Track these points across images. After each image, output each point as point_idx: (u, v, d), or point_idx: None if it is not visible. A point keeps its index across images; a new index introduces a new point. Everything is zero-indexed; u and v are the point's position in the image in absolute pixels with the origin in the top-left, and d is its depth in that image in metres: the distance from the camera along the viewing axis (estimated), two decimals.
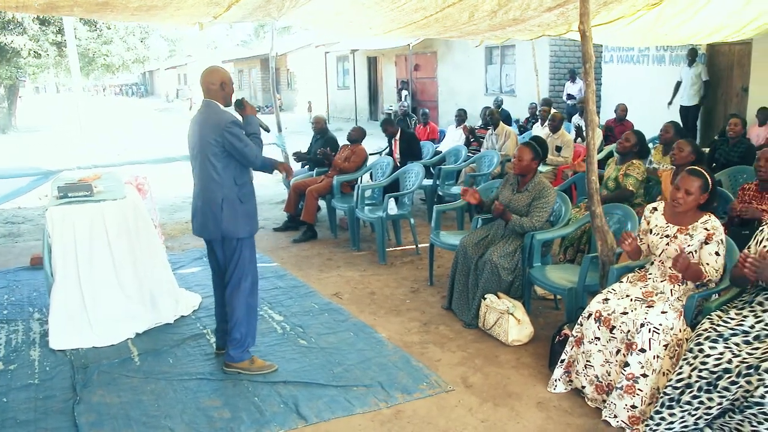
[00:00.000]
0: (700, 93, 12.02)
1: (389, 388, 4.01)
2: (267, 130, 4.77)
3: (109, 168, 6.83)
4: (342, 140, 8.41)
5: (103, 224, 4.85)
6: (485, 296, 4.84)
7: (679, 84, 12.14)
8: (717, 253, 3.74)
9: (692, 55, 11.98)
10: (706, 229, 3.79)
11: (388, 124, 8.93)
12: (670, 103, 12.30)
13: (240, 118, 4.25)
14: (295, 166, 9.73)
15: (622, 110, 11.10)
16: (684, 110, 12.08)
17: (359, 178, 7.95)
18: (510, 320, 4.60)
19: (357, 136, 8.03)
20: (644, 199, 5.83)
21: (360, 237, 7.30)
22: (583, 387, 3.87)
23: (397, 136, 8.67)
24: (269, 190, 10.58)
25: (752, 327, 3.33)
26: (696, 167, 4.01)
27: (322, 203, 7.88)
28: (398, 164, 8.18)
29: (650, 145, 8.20)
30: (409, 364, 4.35)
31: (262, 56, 31.80)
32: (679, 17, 7.23)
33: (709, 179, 3.84)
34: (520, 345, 4.61)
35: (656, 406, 3.37)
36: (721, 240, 3.77)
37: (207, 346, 4.67)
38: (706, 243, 3.77)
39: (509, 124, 11.22)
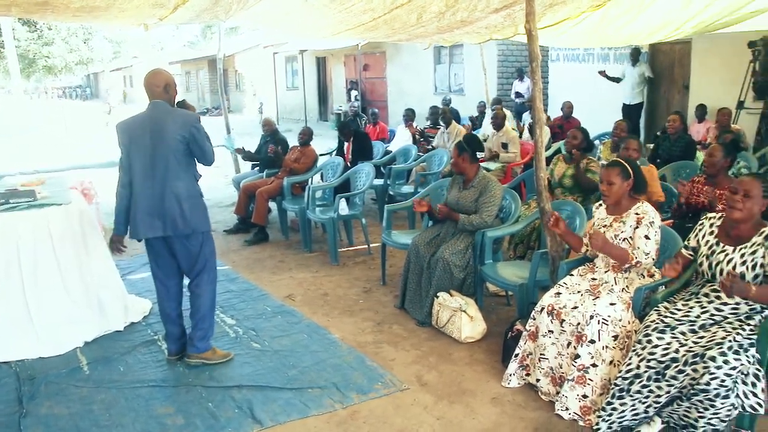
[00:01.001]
0: (643, 92, 12.24)
1: (344, 389, 4.01)
2: None
3: (53, 173, 6.68)
4: (292, 141, 8.36)
5: (47, 231, 4.72)
6: (438, 294, 4.88)
7: (620, 79, 12.32)
8: (647, 237, 3.85)
9: (635, 54, 12.16)
10: (636, 213, 3.93)
11: (346, 127, 8.93)
12: (605, 74, 12.34)
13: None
14: (246, 167, 9.67)
15: (568, 108, 11.31)
16: (626, 108, 12.27)
17: (310, 179, 7.92)
18: (463, 317, 4.65)
19: (306, 137, 7.99)
20: None
21: (312, 238, 7.28)
22: (538, 380, 3.94)
23: (351, 140, 8.67)
24: (219, 193, 10.47)
25: (698, 317, 3.43)
26: (613, 159, 4.19)
27: (272, 205, 7.83)
28: (349, 165, 8.18)
29: (596, 142, 8.39)
30: (363, 365, 4.36)
31: (209, 57, 31.37)
32: (623, 18, 7.38)
33: (627, 165, 3.97)
34: (473, 342, 4.66)
35: (608, 397, 3.46)
36: (651, 223, 3.87)
37: (158, 352, 4.60)
38: (637, 227, 3.89)
39: (459, 123, 11.31)
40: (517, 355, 4.06)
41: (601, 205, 4.20)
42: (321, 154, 8.70)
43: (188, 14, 5.95)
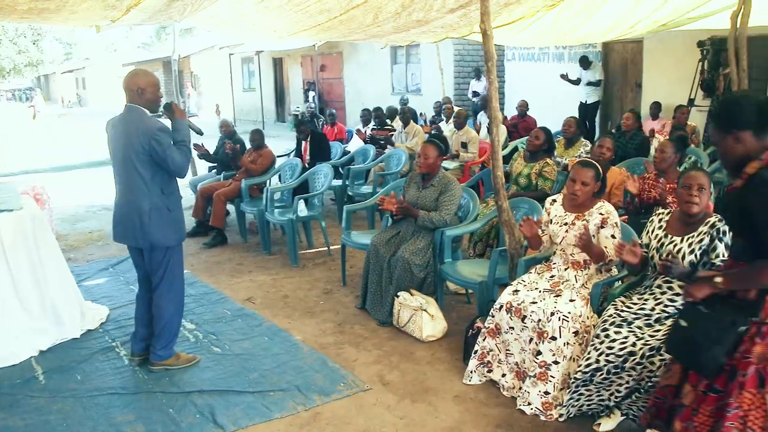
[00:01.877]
0: (598, 92, 12.43)
1: (306, 391, 4.00)
2: (200, 133, 4.71)
3: (3, 178, 6.52)
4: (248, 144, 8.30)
5: None
6: (398, 294, 4.89)
7: (579, 80, 12.50)
8: (613, 236, 3.93)
9: (584, 61, 12.41)
10: (600, 213, 3.99)
11: (302, 124, 8.90)
12: (566, 77, 12.46)
13: (169, 123, 4.16)
14: (203, 168, 9.57)
15: (521, 106, 11.44)
16: (582, 107, 12.51)
17: (268, 181, 7.87)
18: (423, 316, 4.66)
19: (258, 139, 7.90)
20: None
21: (271, 240, 7.24)
22: (504, 375, 3.98)
23: (308, 138, 8.64)
24: None
25: (653, 310, 3.50)
26: (586, 159, 4.24)
27: (230, 207, 7.75)
28: (307, 165, 8.15)
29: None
30: (325, 366, 4.35)
31: (164, 59, 30.90)
32: (576, 19, 7.51)
33: (600, 168, 4.05)
34: (434, 340, 4.69)
35: (568, 392, 3.52)
36: (616, 223, 3.97)
37: (117, 359, 4.52)
38: (602, 227, 3.96)
39: (417, 123, 11.35)
40: (476, 352, 4.09)
41: (555, 201, 4.25)
42: (278, 156, 8.64)
43: (141, 16, 5.86)
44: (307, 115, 14.02)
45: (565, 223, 4.08)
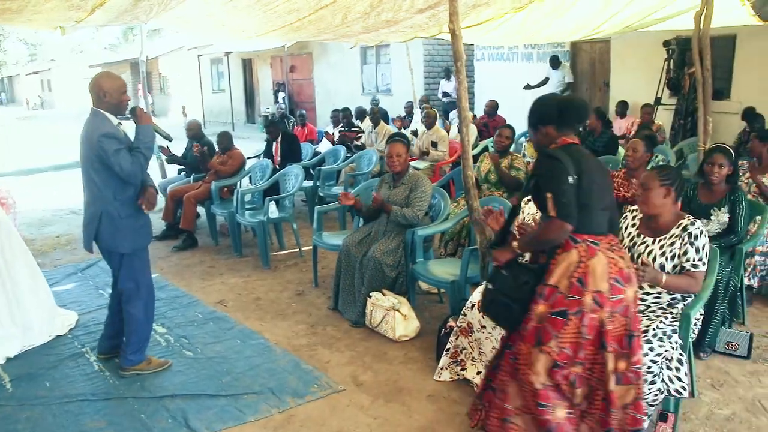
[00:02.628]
0: (566, 94, 12.47)
1: (280, 393, 3.99)
2: (169, 138, 4.66)
3: None
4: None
5: None
6: (370, 294, 4.89)
7: (547, 79, 12.57)
8: None
9: (554, 60, 12.46)
10: None
11: (272, 125, 8.86)
12: (529, 87, 12.52)
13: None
14: (172, 172, 9.48)
15: (489, 106, 11.49)
16: None
17: (238, 183, 7.82)
18: (396, 316, 4.67)
19: (226, 142, 7.84)
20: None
21: (242, 242, 7.20)
22: (479, 373, 4.00)
23: (279, 139, 8.61)
24: None
25: None
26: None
27: (201, 210, 7.69)
28: (278, 167, 8.12)
29: (522, 139, 8.58)
30: (298, 368, 4.34)
31: (131, 60, 30.55)
32: (545, 20, 7.58)
33: None
34: (407, 340, 4.70)
35: None
36: None
37: (87, 365, 4.46)
38: None
39: (387, 123, 11.36)
40: (448, 350, 4.12)
41: (529, 200, 4.28)
42: (248, 157, 8.59)
43: (107, 16, 5.79)
44: (278, 116, 13.96)
45: (536, 220, 4.12)
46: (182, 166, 8.77)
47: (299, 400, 3.91)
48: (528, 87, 12.43)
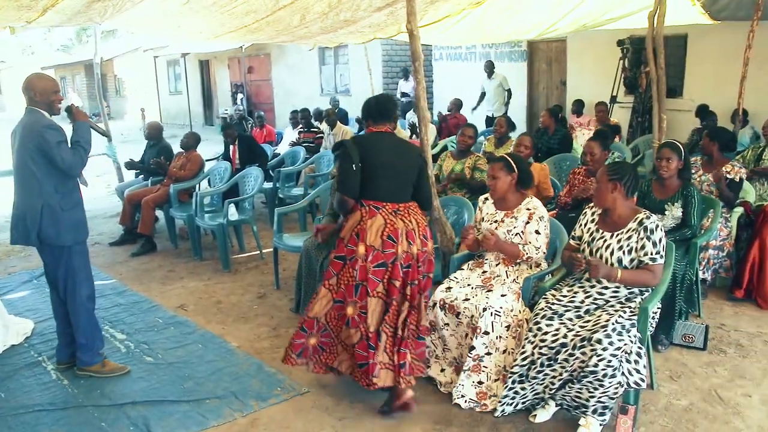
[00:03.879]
0: (504, 103, 12.08)
1: (243, 397, 3.95)
2: (107, 136, 4.65)
3: None
4: (176, 148, 8.14)
5: None
6: None
7: (483, 95, 12.27)
8: (537, 232, 4.02)
9: (489, 67, 12.10)
10: (528, 209, 4.08)
11: (228, 128, 8.78)
12: (474, 109, 12.42)
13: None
14: (129, 175, 9.34)
15: (453, 104, 11.53)
16: (489, 120, 11.87)
17: (197, 185, 7.74)
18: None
19: (191, 142, 7.79)
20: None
21: (202, 245, 7.13)
22: (443, 370, 4.04)
23: (236, 142, 8.54)
24: (102, 203, 10.07)
25: (582, 302, 3.61)
26: (500, 155, 4.37)
27: (159, 213, 7.59)
28: (238, 169, 8.05)
29: (481, 138, 8.64)
30: (261, 371, 4.31)
31: (85, 62, 29.92)
32: (502, 16, 7.65)
33: (511, 160, 4.14)
34: None
35: (507, 384, 3.59)
36: (541, 218, 4.05)
37: (44, 374, 4.36)
38: (528, 222, 4.04)
39: (347, 124, 11.35)
40: None
41: (487, 199, 4.32)
42: (207, 160, 8.51)
43: (59, 17, 5.68)
44: (236, 117, 13.82)
45: (495, 221, 4.16)
46: (139, 170, 8.62)
47: (263, 404, 3.89)
48: (474, 109, 12.34)
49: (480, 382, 3.77)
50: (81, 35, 48.66)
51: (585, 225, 3.86)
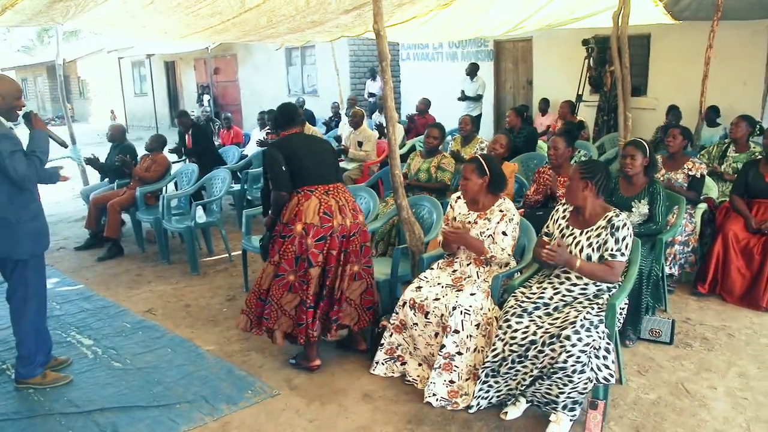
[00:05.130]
0: (480, 105, 12.14)
1: (213, 401, 3.92)
2: (64, 145, 4.53)
3: None
4: (141, 151, 8.04)
5: None
6: None
7: (468, 96, 12.20)
8: (504, 233, 4.05)
9: (473, 69, 12.10)
10: (500, 210, 4.10)
11: (182, 116, 8.77)
12: (462, 99, 12.32)
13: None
14: (94, 177, 9.20)
15: (422, 104, 11.55)
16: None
17: (164, 188, 7.66)
18: None
19: (156, 144, 7.71)
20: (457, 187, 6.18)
21: (169, 249, 7.06)
22: (420, 365, 4.06)
23: (189, 131, 8.55)
24: (67, 207, 9.92)
25: (551, 299, 3.65)
26: (473, 156, 4.38)
27: (126, 217, 7.50)
28: (188, 151, 8.35)
29: (449, 137, 8.67)
30: (231, 374, 4.28)
31: (48, 63, 29.44)
32: (469, 17, 7.70)
33: (484, 163, 4.15)
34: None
35: (478, 381, 3.62)
36: (511, 220, 4.08)
37: (8, 382, 4.28)
38: (499, 223, 4.07)
39: (314, 124, 11.31)
40: (382, 345, 4.15)
41: (459, 198, 4.34)
42: (174, 162, 8.42)
43: (19, 17, 5.58)
44: (203, 119, 13.68)
45: (469, 222, 4.17)
46: (105, 172, 8.49)
47: (233, 407, 3.86)
48: (461, 98, 12.26)
49: (451, 381, 3.79)
50: (42, 36, 47.78)
51: (556, 221, 3.90)
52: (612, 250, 3.56)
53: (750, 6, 7.78)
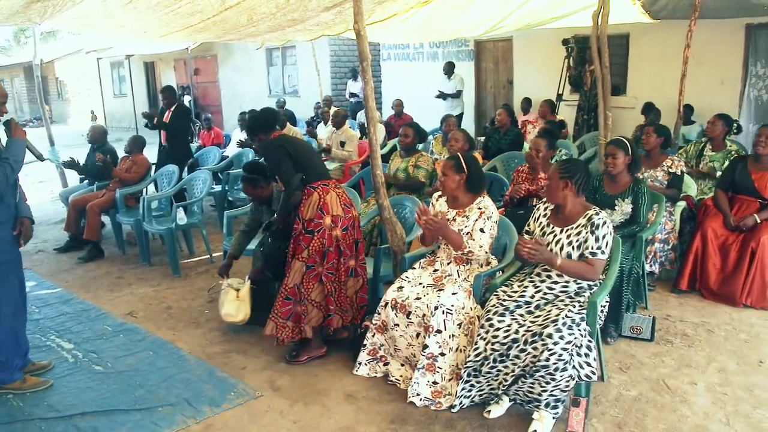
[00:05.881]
0: (461, 104, 12.24)
1: (196, 404, 3.90)
2: (40, 158, 4.49)
3: None
4: (121, 152, 7.97)
5: None
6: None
7: (446, 95, 12.28)
8: (482, 230, 4.05)
9: (450, 68, 12.22)
10: (479, 208, 4.10)
11: (168, 91, 8.67)
12: (443, 98, 12.40)
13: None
14: (74, 179, 9.12)
15: (397, 105, 11.57)
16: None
17: (144, 190, 7.60)
18: (230, 294, 4.80)
19: (136, 145, 7.63)
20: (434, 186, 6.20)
21: (150, 251, 7.01)
22: (402, 365, 4.06)
23: (173, 108, 8.50)
24: (46, 209, 9.81)
25: (533, 297, 3.66)
26: (454, 153, 4.38)
27: (106, 219, 7.43)
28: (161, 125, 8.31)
29: (430, 137, 8.69)
30: (213, 376, 4.26)
31: (25, 64, 29.10)
32: (449, 15, 7.71)
33: (463, 161, 4.15)
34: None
35: (461, 381, 3.63)
36: (489, 218, 4.08)
37: None
38: (477, 220, 4.08)
39: (295, 125, 11.28)
40: (364, 346, 4.15)
41: (441, 196, 4.35)
42: (153, 163, 8.36)
43: None
44: None
45: (448, 219, 4.18)
46: (84, 174, 8.40)
47: (216, 409, 3.84)
48: (440, 96, 12.32)
49: (435, 382, 3.79)
50: (19, 36, 47.19)
51: (537, 219, 3.92)
52: (593, 248, 3.58)
53: (727, 5, 7.87)
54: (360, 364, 4.16)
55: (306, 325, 4.31)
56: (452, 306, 3.81)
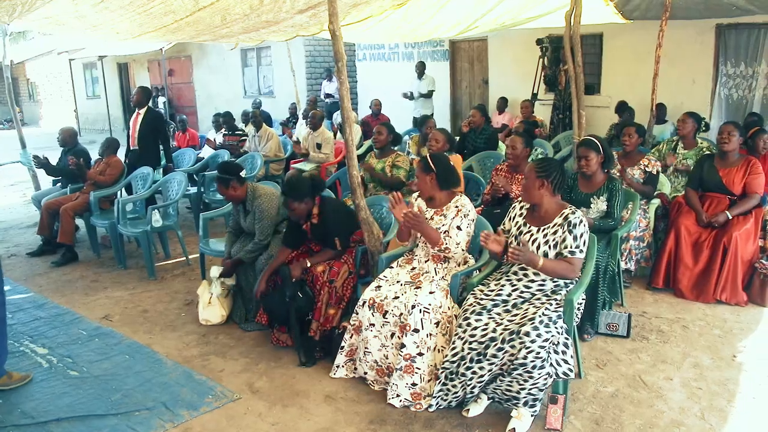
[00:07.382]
0: (430, 104, 12.22)
1: (174, 407, 3.87)
2: None
3: None
4: (95, 155, 7.88)
5: None
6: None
7: (412, 94, 12.33)
8: (459, 227, 4.07)
9: (421, 68, 12.23)
10: (456, 207, 4.12)
11: (141, 89, 8.40)
12: (410, 98, 12.43)
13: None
14: (47, 182, 9.00)
15: (376, 105, 11.58)
16: (416, 121, 11.57)
17: (118, 192, 7.52)
18: (203, 297, 5.01)
19: (110, 148, 7.54)
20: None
21: (125, 254, 6.94)
22: (366, 373, 4.03)
23: (143, 111, 8.15)
24: (18, 213, 9.69)
25: (510, 295, 3.68)
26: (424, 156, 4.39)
27: (80, 222, 7.35)
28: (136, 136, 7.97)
29: (406, 137, 8.71)
30: (191, 379, 4.22)
31: None
32: (424, 15, 7.73)
33: (429, 159, 4.18)
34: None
35: (438, 382, 3.63)
36: (466, 215, 4.10)
37: None
38: (454, 218, 4.09)
39: (271, 126, 11.24)
40: (342, 348, 4.14)
41: (419, 196, 4.35)
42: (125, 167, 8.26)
43: None
44: None
45: (426, 218, 4.18)
46: (56, 175, 8.27)
47: (194, 413, 3.81)
48: (405, 95, 12.34)
49: (414, 384, 3.79)
50: None
51: (513, 218, 3.94)
52: (571, 247, 3.60)
53: (697, 6, 7.97)
54: (338, 366, 4.15)
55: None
56: (429, 305, 3.81)
